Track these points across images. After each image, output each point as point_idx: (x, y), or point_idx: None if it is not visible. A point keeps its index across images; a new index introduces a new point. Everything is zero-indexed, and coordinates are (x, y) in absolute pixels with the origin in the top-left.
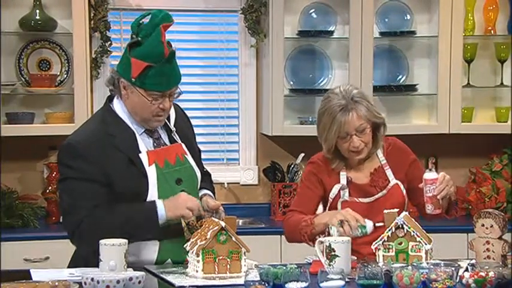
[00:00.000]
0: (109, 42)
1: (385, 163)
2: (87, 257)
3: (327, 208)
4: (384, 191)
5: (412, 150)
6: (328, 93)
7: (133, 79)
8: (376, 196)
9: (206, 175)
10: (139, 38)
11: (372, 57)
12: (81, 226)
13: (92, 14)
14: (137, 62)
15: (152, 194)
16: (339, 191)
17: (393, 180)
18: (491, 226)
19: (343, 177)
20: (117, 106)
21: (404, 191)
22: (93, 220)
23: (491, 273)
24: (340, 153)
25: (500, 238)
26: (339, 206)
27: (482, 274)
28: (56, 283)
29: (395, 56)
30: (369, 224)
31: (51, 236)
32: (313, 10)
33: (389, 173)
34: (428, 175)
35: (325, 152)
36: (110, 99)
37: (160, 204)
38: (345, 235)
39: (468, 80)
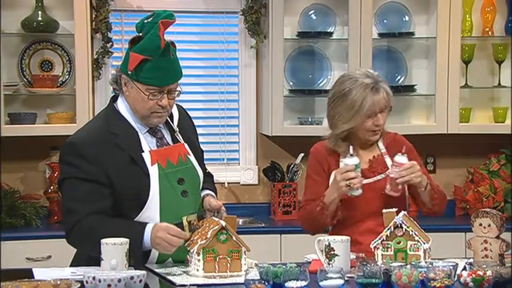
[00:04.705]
0: (110, 43)
1: (385, 152)
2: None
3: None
4: (382, 175)
5: None
6: (347, 75)
7: (129, 72)
8: (375, 178)
9: (208, 176)
10: (140, 34)
11: (371, 58)
12: (75, 229)
13: (94, 15)
14: (134, 55)
15: (154, 193)
16: None
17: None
18: (489, 225)
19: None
20: (121, 105)
21: None
22: (87, 225)
23: (489, 272)
24: (344, 137)
25: (498, 237)
26: None
27: (480, 273)
28: (58, 282)
29: (394, 57)
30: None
31: (53, 235)
32: (312, 11)
33: (388, 160)
34: (398, 158)
35: (337, 134)
36: (114, 99)
37: (147, 233)
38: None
39: (466, 81)
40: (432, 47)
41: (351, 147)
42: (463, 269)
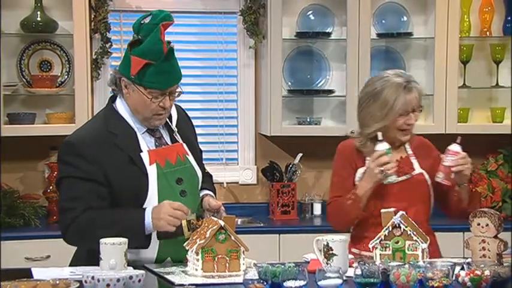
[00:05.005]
0: (109, 44)
1: (412, 153)
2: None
3: None
4: (408, 175)
5: None
6: (377, 76)
7: (132, 76)
8: (401, 178)
9: (207, 176)
10: (139, 37)
11: (369, 58)
12: (72, 226)
13: (93, 16)
14: (137, 59)
15: (152, 193)
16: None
17: (418, 169)
18: (487, 225)
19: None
20: (120, 105)
21: (429, 182)
22: (84, 220)
23: (486, 272)
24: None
25: (495, 237)
26: None
27: (478, 273)
28: (57, 281)
29: (392, 57)
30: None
31: (52, 235)
32: (311, 12)
33: (414, 162)
34: (453, 147)
35: (368, 133)
36: (112, 99)
37: (148, 214)
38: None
39: (464, 81)
40: (430, 47)
41: (379, 133)
42: (461, 269)
